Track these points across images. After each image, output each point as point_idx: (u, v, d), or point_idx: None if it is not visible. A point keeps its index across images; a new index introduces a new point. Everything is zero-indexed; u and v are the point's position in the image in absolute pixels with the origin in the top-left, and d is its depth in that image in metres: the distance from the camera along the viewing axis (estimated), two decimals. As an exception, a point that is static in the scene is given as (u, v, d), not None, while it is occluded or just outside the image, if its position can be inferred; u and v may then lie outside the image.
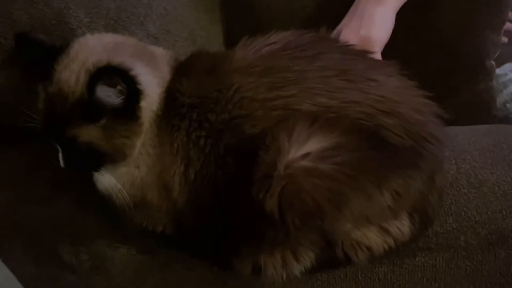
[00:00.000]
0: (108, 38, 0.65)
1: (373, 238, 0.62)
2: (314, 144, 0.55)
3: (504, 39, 1.09)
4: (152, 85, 0.62)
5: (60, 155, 0.63)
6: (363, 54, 0.66)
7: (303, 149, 0.54)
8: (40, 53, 0.62)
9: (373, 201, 0.56)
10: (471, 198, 0.68)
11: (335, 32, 0.89)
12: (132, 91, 0.59)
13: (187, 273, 0.73)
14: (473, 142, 0.74)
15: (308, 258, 0.63)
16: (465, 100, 0.98)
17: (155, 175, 0.63)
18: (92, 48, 0.61)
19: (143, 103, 0.60)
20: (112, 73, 0.57)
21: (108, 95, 0.57)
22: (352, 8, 0.89)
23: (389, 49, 0.89)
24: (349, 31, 0.85)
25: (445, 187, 0.67)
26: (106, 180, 0.64)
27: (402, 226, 0.62)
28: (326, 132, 0.55)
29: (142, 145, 0.62)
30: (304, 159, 0.54)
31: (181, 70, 0.64)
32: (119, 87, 0.57)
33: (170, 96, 0.62)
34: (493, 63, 0.97)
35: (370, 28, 0.83)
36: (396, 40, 0.89)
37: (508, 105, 1.00)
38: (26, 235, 0.77)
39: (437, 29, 0.93)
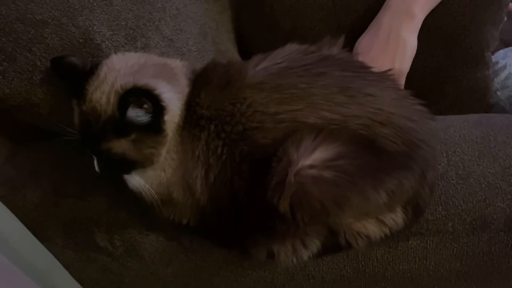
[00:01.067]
0: (132, 60, 0.71)
1: (371, 228, 0.71)
2: (318, 155, 0.62)
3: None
4: (174, 100, 0.68)
5: (95, 162, 0.71)
6: (362, 70, 0.71)
7: (310, 159, 0.62)
8: (73, 74, 0.68)
9: (371, 201, 0.64)
10: (459, 189, 0.75)
11: (357, 47, 0.94)
12: (157, 108, 0.65)
13: (208, 255, 0.83)
14: (463, 134, 0.81)
15: (314, 245, 0.73)
16: (463, 87, 1.03)
17: (179, 176, 0.70)
18: (119, 70, 0.68)
19: (167, 117, 0.67)
20: (139, 94, 0.64)
21: (137, 114, 0.65)
22: (376, 22, 0.94)
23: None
24: (385, 61, 0.90)
25: (436, 181, 0.74)
26: (136, 181, 0.71)
27: (396, 218, 0.71)
28: (329, 143, 0.62)
29: (167, 151, 0.69)
30: (311, 169, 0.61)
31: (199, 83, 0.71)
32: (145, 106, 0.64)
33: (190, 108, 0.69)
34: (490, 54, 1.01)
35: (403, 61, 0.90)
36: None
37: (498, 93, 1.04)
38: (65, 224, 0.86)
39: (442, 22, 0.97)
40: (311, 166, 0.61)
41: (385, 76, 0.72)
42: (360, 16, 0.99)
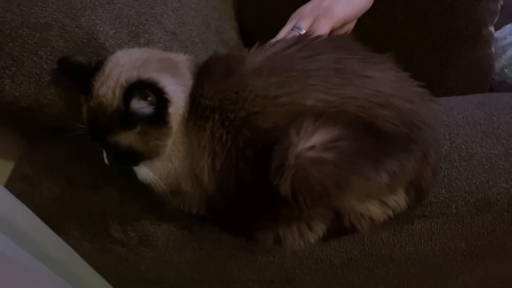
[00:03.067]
0: (136, 55, 0.72)
1: (374, 210, 0.72)
2: (318, 137, 0.63)
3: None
4: (177, 93, 0.70)
5: (104, 154, 0.73)
6: (358, 52, 0.71)
7: (310, 142, 0.62)
8: (79, 72, 0.71)
9: (372, 181, 0.64)
10: (462, 171, 0.76)
11: None
12: (161, 101, 0.67)
13: (219, 242, 0.86)
14: (466, 116, 0.81)
15: (320, 228, 0.74)
16: (463, 69, 1.02)
17: (187, 167, 0.72)
18: (123, 65, 0.69)
19: (171, 110, 0.68)
20: (143, 87, 0.66)
21: (141, 106, 0.66)
22: None
23: (389, 25, 0.95)
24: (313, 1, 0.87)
25: (439, 163, 0.75)
26: (145, 172, 0.73)
27: (398, 200, 0.72)
28: (329, 126, 0.63)
29: (172, 143, 0.71)
30: (311, 151, 0.62)
31: (202, 76, 0.72)
32: (149, 99, 0.66)
33: (194, 100, 0.71)
34: (491, 30, 0.99)
35: (335, 2, 0.85)
36: (396, 18, 0.94)
37: (506, 70, 1.02)
38: (81, 217, 0.90)
39: (433, 4, 0.96)
40: (311, 148, 0.62)
41: (384, 59, 0.72)
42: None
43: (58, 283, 0.85)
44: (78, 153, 0.93)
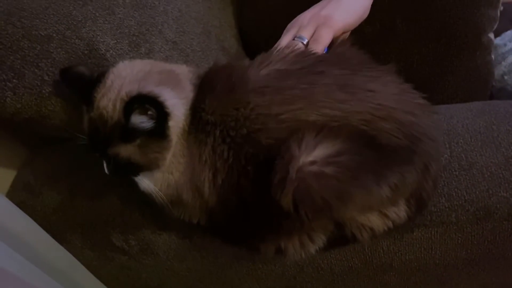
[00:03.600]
0: (138, 67, 0.72)
1: (375, 221, 0.72)
2: (320, 152, 0.63)
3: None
4: (178, 106, 0.70)
5: (105, 165, 0.73)
6: (361, 67, 0.72)
7: (311, 156, 0.63)
8: (81, 83, 0.71)
9: (374, 195, 0.64)
10: (462, 180, 0.76)
11: None
12: (161, 115, 0.67)
13: (220, 251, 0.86)
14: (466, 124, 0.81)
15: (321, 239, 0.75)
16: (463, 76, 1.02)
17: (188, 179, 0.73)
18: (124, 77, 0.70)
19: (171, 123, 0.69)
20: (143, 101, 0.66)
21: (142, 121, 0.67)
22: None
23: (389, 33, 0.95)
24: (313, 9, 0.87)
25: (439, 174, 0.75)
26: (146, 183, 0.74)
27: (399, 211, 0.72)
28: (330, 140, 0.63)
29: (173, 156, 0.71)
30: (313, 165, 0.62)
31: (203, 89, 0.72)
32: (150, 113, 0.66)
33: (196, 114, 0.71)
34: (491, 36, 0.99)
35: (334, 9, 0.84)
36: (395, 26, 0.94)
37: (506, 77, 1.02)
38: (82, 226, 0.90)
39: (432, 12, 0.96)
40: (312, 162, 0.62)
41: (385, 71, 0.72)
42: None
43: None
44: (79, 162, 0.94)
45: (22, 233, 0.84)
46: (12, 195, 0.93)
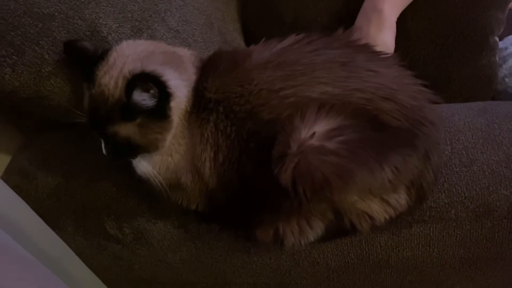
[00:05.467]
0: (141, 47, 0.72)
1: (375, 208, 0.71)
2: (321, 126, 0.63)
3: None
4: (180, 87, 0.70)
5: (103, 145, 0.72)
6: (364, 49, 0.72)
7: (312, 129, 0.62)
8: (84, 58, 0.70)
9: (376, 175, 0.64)
10: (462, 176, 0.76)
11: None
12: (163, 94, 0.67)
13: (215, 242, 0.85)
14: (468, 122, 0.81)
15: (319, 227, 0.73)
16: (468, 74, 1.02)
17: (187, 161, 0.72)
18: (127, 56, 0.69)
19: (173, 104, 0.68)
20: (146, 79, 0.65)
21: (143, 98, 0.66)
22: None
23: (399, 30, 0.95)
24: None
25: (440, 166, 0.74)
26: (143, 166, 0.73)
27: (399, 199, 0.71)
28: (332, 116, 0.63)
29: (173, 137, 0.71)
30: (313, 140, 0.62)
31: (206, 70, 0.72)
32: (152, 91, 0.66)
33: (198, 94, 0.71)
34: (497, 39, 1.00)
35: None
36: (406, 20, 0.94)
37: (506, 79, 1.03)
38: (76, 213, 0.89)
39: (444, 9, 0.97)
40: (313, 137, 0.62)
41: (389, 57, 0.72)
42: (361, 6, 0.98)
43: (49, 278, 0.84)
44: (76, 150, 0.93)
45: (14, 216, 0.82)
46: (6, 179, 0.91)
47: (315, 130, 0.62)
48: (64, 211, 0.89)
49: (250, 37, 1.17)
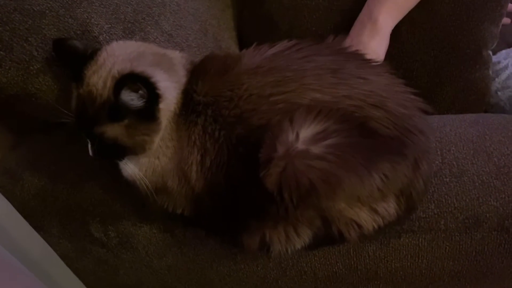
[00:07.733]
0: (132, 47, 0.72)
1: (364, 217, 0.70)
2: (308, 131, 0.62)
3: (507, 20, 1.13)
4: (170, 89, 0.69)
5: (89, 146, 0.71)
6: (354, 56, 0.72)
7: (299, 135, 0.62)
8: (73, 57, 0.70)
9: (364, 182, 0.63)
10: (452, 187, 0.75)
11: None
12: (152, 95, 0.66)
13: (201, 248, 0.83)
14: (459, 133, 0.81)
15: (306, 234, 0.72)
16: (461, 87, 1.03)
17: (174, 164, 0.71)
18: (117, 56, 0.68)
19: (161, 105, 0.67)
20: (135, 80, 0.65)
21: (131, 98, 0.65)
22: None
23: (393, 41, 0.96)
24: None
25: (430, 175, 0.74)
26: (130, 168, 0.72)
27: (388, 208, 0.70)
28: (320, 120, 0.62)
29: (161, 139, 0.70)
30: (300, 144, 0.61)
31: (196, 73, 0.72)
32: (140, 92, 0.65)
33: (187, 96, 0.70)
34: (490, 53, 1.00)
35: None
36: (400, 32, 0.94)
37: (499, 93, 1.04)
38: (61, 214, 0.87)
39: (438, 21, 0.97)
40: (300, 141, 0.61)
41: (378, 64, 0.72)
42: (356, 17, 0.98)
43: (32, 281, 0.83)
44: (63, 150, 0.92)
45: (-1, 217, 0.81)
46: (-9, 179, 0.91)
47: (301, 134, 0.61)
48: (49, 212, 0.87)
49: (246, 46, 1.17)
